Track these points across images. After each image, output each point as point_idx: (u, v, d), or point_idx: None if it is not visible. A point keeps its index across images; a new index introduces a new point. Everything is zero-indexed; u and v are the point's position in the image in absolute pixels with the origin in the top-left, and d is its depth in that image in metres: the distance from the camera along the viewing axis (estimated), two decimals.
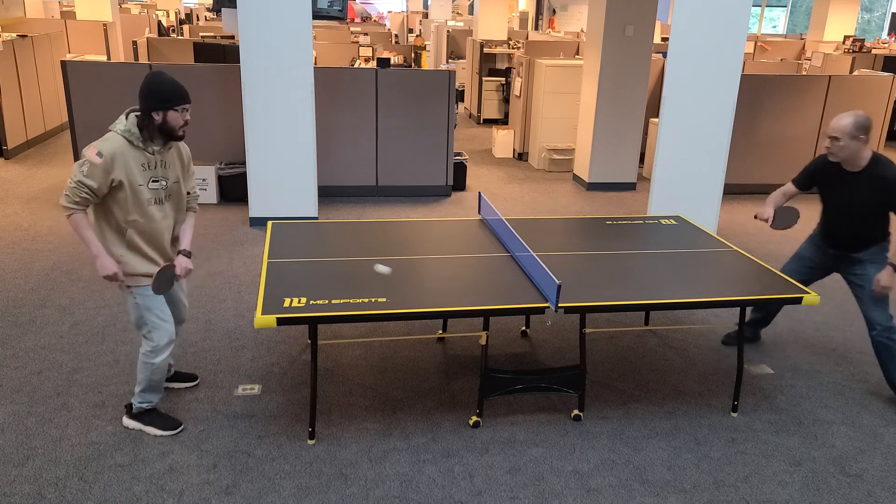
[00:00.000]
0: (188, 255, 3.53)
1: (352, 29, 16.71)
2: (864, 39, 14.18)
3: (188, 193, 3.57)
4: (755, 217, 4.25)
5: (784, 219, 4.23)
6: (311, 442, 3.58)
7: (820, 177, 4.15)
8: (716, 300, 3.59)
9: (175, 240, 3.52)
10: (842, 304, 5.43)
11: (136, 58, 10.93)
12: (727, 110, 6.09)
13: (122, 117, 3.26)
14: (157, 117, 3.23)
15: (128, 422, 3.62)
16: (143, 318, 3.42)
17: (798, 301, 3.65)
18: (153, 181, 3.31)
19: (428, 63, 15.11)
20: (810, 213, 4.63)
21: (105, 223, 3.30)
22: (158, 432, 3.56)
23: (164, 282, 3.40)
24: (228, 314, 4.93)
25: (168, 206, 3.41)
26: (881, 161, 3.90)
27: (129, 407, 3.64)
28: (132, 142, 3.22)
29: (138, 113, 3.25)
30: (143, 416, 3.60)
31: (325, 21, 15.96)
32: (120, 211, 3.26)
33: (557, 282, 3.32)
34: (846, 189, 3.99)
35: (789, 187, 4.29)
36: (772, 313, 4.70)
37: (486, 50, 12.50)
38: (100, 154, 3.13)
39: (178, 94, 3.27)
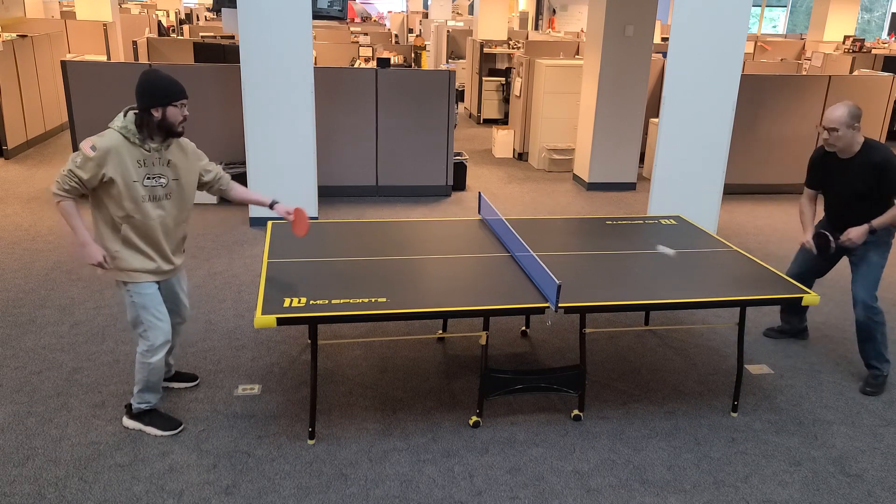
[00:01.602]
0: (275, 201, 3.75)
1: (352, 29, 16.71)
2: (864, 39, 14.18)
3: (217, 177, 3.67)
4: (803, 245, 4.34)
5: (823, 246, 4.22)
6: (311, 442, 3.58)
7: (819, 169, 4.30)
8: (716, 300, 3.59)
9: (184, 239, 3.61)
10: (842, 305, 5.43)
11: (136, 58, 10.93)
12: (727, 110, 6.09)
13: (121, 115, 3.28)
14: (157, 114, 3.24)
15: (127, 422, 3.62)
16: (139, 316, 3.41)
17: (798, 301, 3.65)
18: (148, 178, 3.30)
19: (428, 63, 15.11)
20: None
21: (100, 218, 3.32)
22: (158, 432, 3.56)
23: None
24: (228, 314, 4.93)
25: (168, 203, 3.40)
26: (873, 145, 4.06)
27: (128, 407, 3.64)
28: (129, 138, 3.23)
29: (136, 111, 3.27)
30: (143, 416, 3.60)
31: (325, 21, 15.96)
32: (114, 206, 3.27)
33: (557, 282, 3.32)
34: (842, 176, 4.14)
35: (809, 193, 4.42)
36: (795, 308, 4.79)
37: (486, 50, 12.50)
38: (94, 148, 3.15)
39: (175, 90, 3.26)
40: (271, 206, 3.77)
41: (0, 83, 8.49)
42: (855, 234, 4.06)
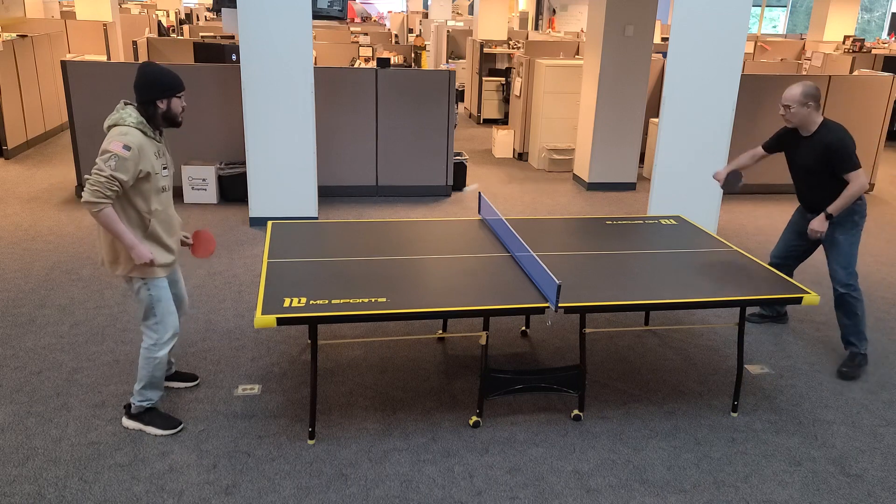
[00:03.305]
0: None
1: (352, 29, 16.70)
2: (864, 39, 14.18)
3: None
4: (713, 177, 4.65)
5: (732, 182, 4.56)
6: (311, 442, 3.58)
7: (784, 141, 4.52)
8: (716, 300, 3.59)
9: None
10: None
11: (136, 58, 10.93)
12: (727, 110, 6.09)
13: (124, 112, 3.30)
14: (162, 105, 3.31)
15: (127, 422, 3.62)
16: (153, 309, 3.45)
17: (798, 301, 3.65)
18: (164, 168, 3.40)
19: (428, 63, 15.11)
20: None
21: (125, 219, 3.32)
22: (159, 432, 3.56)
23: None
24: (228, 314, 4.93)
25: (170, 193, 3.51)
26: (829, 126, 4.25)
27: (127, 407, 3.64)
28: (146, 133, 3.29)
29: (136, 104, 3.32)
30: (143, 415, 3.59)
31: (325, 21, 15.96)
32: (144, 202, 3.32)
33: (557, 282, 3.32)
34: (801, 153, 4.38)
35: (757, 150, 4.68)
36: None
37: (486, 50, 12.50)
38: (127, 147, 3.18)
39: (177, 82, 3.35)
40: None
41: (0, 83, 8.49)
42: (816, 224, 4.29)
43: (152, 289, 3.43)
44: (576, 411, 3.86)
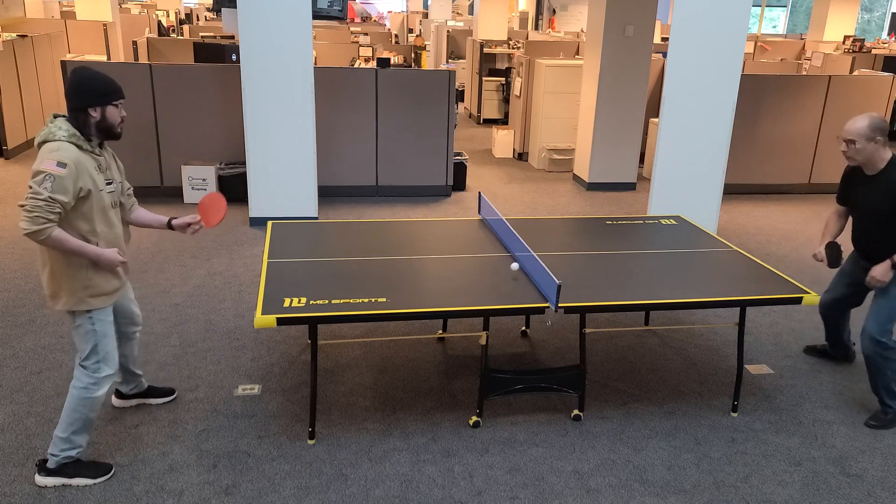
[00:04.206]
0: (172, 218, 3.42)
1: (352, 29, 16.70)
2: (864, 39, 14.18)
3: (128, 189, 3.34)
4: (815, 258, 4.12)
5: (834, 256, 4.05)
6: (311, 442, 3.58)
7: (847, 183, 4.05)
8: (716, 300, 3.59)
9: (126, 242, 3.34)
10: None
11: (136, 58, 10.93)
12: (727, 110, 6.09)
13: (53, 125, 2.97)
14: (95, 114, 2.98)
15: (43, 480, 3.16)
16: (97, 346, 3.12)
17: (798, 301, 3.65)
18: (107, 183, 3.08)
19: (428, 63, 15.11)
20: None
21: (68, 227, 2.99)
22: (90, 482, 3.19)
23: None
24: (228, 314, 4.93)
25: (118, 210, 3.20)
26: None
27: (42, 463, 3.19)
28: (81, 146, 2.96)
29: (67, 115, 3.00)
30: (66, 467, 3.18)
31: (325, 21, 15.96)
32: (86, 223, 2.99)
33: (557, 282, 3.32)
34: (865, 193, 3.88)
35: (836, 207, 4.19)
36: (837, 327, 4.46)
37: (486, 50, 12.50)
38: (61, 164, 2.85)
39: (113, 88, 3.02)
40: (169, 225, 3.41)
41: (0, 83, 8.49)
42: (878, 272, 3.79)
43: (97, 323, 3.11)
44: (576, 411, 3.86)
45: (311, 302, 3.34)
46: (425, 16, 20.68)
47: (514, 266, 3.43)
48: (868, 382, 4.34)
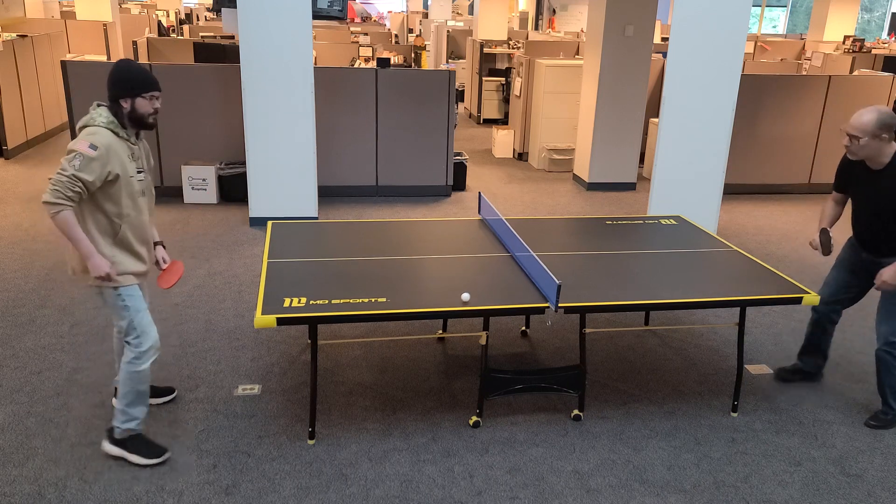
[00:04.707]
0: (158, 243, 3.53)
1: (352, 29, 16.70)
2: (864, 39, 14.18)
3: (150, 181, 3.44)
4: (810, 245, 4.04)
5: (826, 243, 3.98)
6: (311, 442, 3.58)
7: (847, 175, 3.94)
8: (716, 300, 3.59)
9: None
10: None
11: (136, 58, 10.93)
12: (727, 110, 6.09)
13: (95, 112, 3.14)
14: (125, 105, 3.13)
15: (109, 448, 3.37)
16: (132, 321, 3.25)
17: (798, 301, 3.65)
18: (138, 171, 3.21)
19: (428, 63, 15.10)
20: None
21: (93, 223, 3.12)
22: (143, 461, 3.32)
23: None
24: (228, 314, 4.93)
25: (146, 198, 3.31)
26: None
27: (110, 431, 3.38)
28: (117, 133, 3.12)
29: (107, 104, 3.16)
30: (127, 441, 3.34)
31: (325, 21, 15.96)
32: (113, 206, 3.12)
33: (557, 282, 3.32)
34: (869, 188, 3.78)
35: (833, 195, 4.08)
36: (817, 338, 4.30)
37: (486, 50, 12.50)
38: (93, 146, 2.99)
39: (145, 81, 3.14)
40: (155, 244, 3.51)
41: (0, 83, 8.49)
42: (888, 275, 3.68)
43: (126, 298, 3.22)
44: (576, 411, 3.86)
45: (311, 302, 3.34)
46: (425, 16, 20.68)
47: (465, 296, 3.44)
48: (874, 384, 4.35)
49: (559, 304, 3.38)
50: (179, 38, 12.57)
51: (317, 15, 8.15)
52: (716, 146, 6.18)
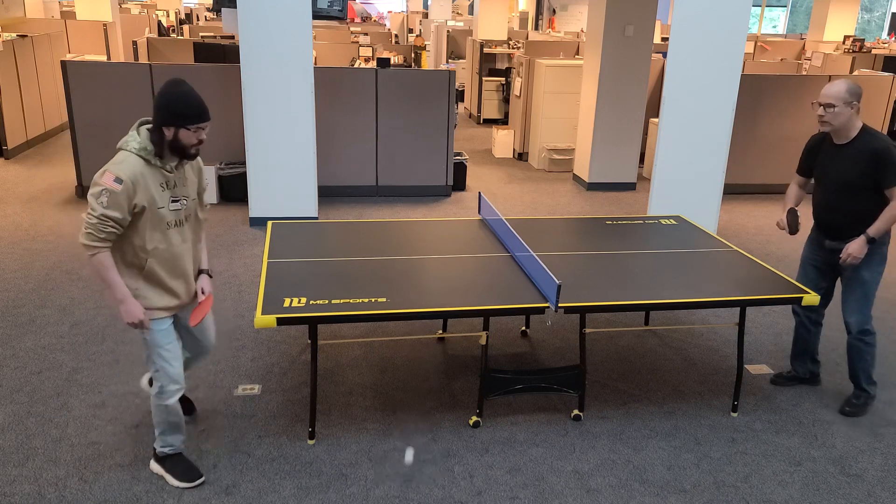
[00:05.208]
0: (209, 274, 3.28)
1: (352, 29, 16.70)
2: (864, 39, 14.17)
3: (205, 206, 3.28)
4: (777, 225, 4.09)
5: (793, 223, 4.02)
6: (311, 442, 3.58)
7: (812, 156, 3.97)
8: (716, 300, 3.59)
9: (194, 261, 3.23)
10: (834, 306, 5.42)
11: (136, 58, 10.93)
12: (727, 110, 6.09)
13: (134, 132, 2.93)
14: (168, 133, 2.87)
15: (153, 465, 3.32)
16: (151, 356, 3.08)
17: (798, 301, 3.65)
18: (173, 201, 2.97)
19: (428, 63, 15.10)
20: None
21: (118, 255, 2.95)
22: (177, 483, 3.22)
23: None
24: (228, 314, 4.93)
25: (187, 227, 3.08)
26: (872, 132, 3.72)
27: (154, 449, 3.32)
28: (149, 160, 2.88)
29: (150, 126, 2.92)
30: (166, 460, 3.28)
31: (325, 21, 15.96)
32: (139, 239, 2.93)
33: (557, 282, 3.32)
34: (834, 163, 3.81)
35: (796, 178, 4.12)
36: (806, 343, 4.27)
37: (486, 50, 12.50)
38: (118, 180, 2.79)
39: (193, 112, 2.87)
40: (198, 273, 3.26)
41: (0, 83, 8.49)
42: (854, 248, 3.72)
43: (148, 332, 3.04)
44: (576, 411, 3.86)
45: (311, 302, 3.34)
46: (425, 16, 20.68)
47: (408, 457, 3.45)
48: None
49: (559, 304, 3.38)
50: (179, 38, 12.57)
51: (317, 15, 8.15)
52: (716, 146, 6.17)
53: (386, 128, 7.75)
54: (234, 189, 7.41)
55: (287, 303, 3.32)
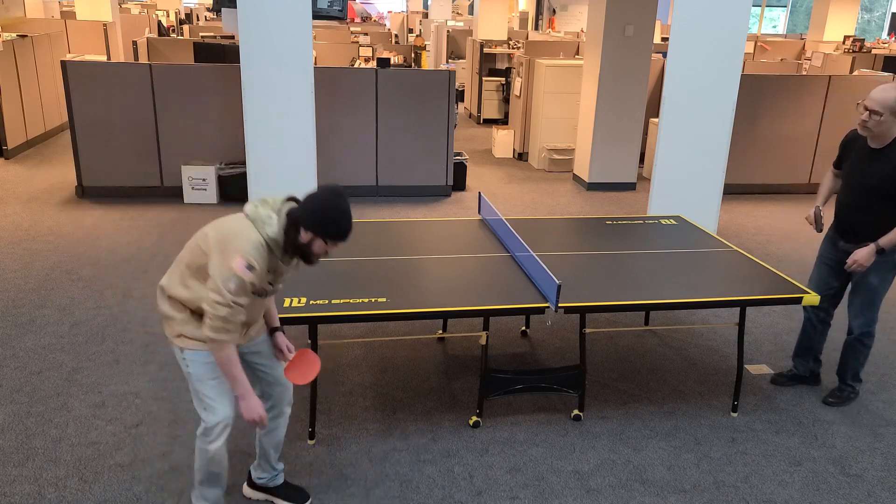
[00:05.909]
0: (276, 329, 3.10)
1: (352, 29, 16.70)
2: (864, 39, 14.17)
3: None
4: (806, 219, 4.06)
5: (819, 221, 3.98)
6: (311, 442, 3.58)
7: (846, 150, 3.93)
8: (716, 300, 3.59)
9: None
10: (841, 305, 5.42)
11: (136, 58, 10.93)
12: (727, 110, 6.09)
13: (273, 216, 2.78)
14: (305, 237, 2.72)
15: None
16: (195, 390, 2.86)
17: (798, 301, 3.65)
18: (269, 283, 2.82)
19: (428, 63, 15.11)
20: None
21: (193, 281, 2.79)
22: None
23: None
24: None
25: (265, 297, 2.89)
26: None
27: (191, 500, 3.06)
28: (273, 250, 2.75)
29: (291, 213, 2.76)
30: None
31: (325, 21, 15.96)
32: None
33: (557, 282, 3.32)
34: (863, 165, 3.77)
35: (832, 170, 4.06)
36: (811, 342, 4.28)
37: (486, 50, 12.50)
38: (250, 267, 2.65)
39: (341, 232, 2.71)
40: (271, 332, 3.11)
41: (0, 83, 8.49)
42: (861, 255, 3.71)
43: (190, 364, 2.82)
44: (576, 411, 3.86)
45: (311, 302, 3.34)
46: (425, 16, 20.68)
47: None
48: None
49: (559, 304, 3.38)
50: (179, 38, 12.57)
51: (317, 15, 8.15)
52: (716, 146, 6.17)
53: (386, 128, 7.75)
54: (234, 189, 7.41)
55: (287, 303, 3.32)
